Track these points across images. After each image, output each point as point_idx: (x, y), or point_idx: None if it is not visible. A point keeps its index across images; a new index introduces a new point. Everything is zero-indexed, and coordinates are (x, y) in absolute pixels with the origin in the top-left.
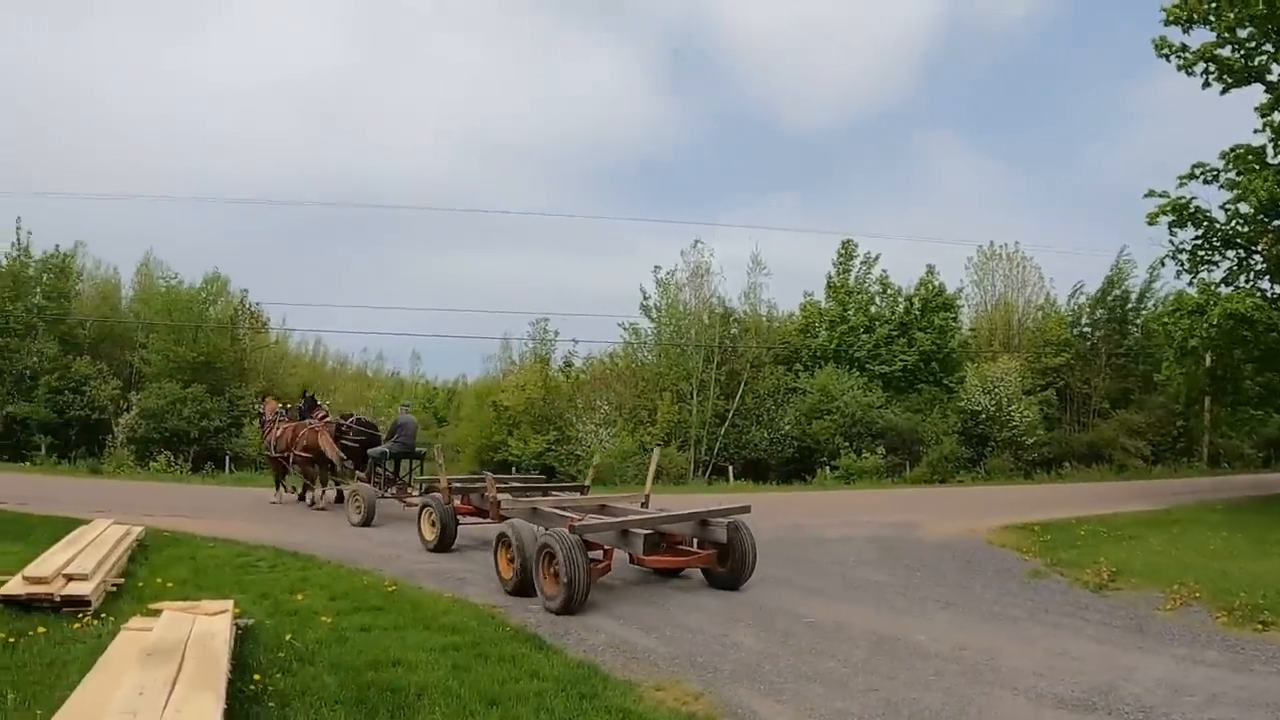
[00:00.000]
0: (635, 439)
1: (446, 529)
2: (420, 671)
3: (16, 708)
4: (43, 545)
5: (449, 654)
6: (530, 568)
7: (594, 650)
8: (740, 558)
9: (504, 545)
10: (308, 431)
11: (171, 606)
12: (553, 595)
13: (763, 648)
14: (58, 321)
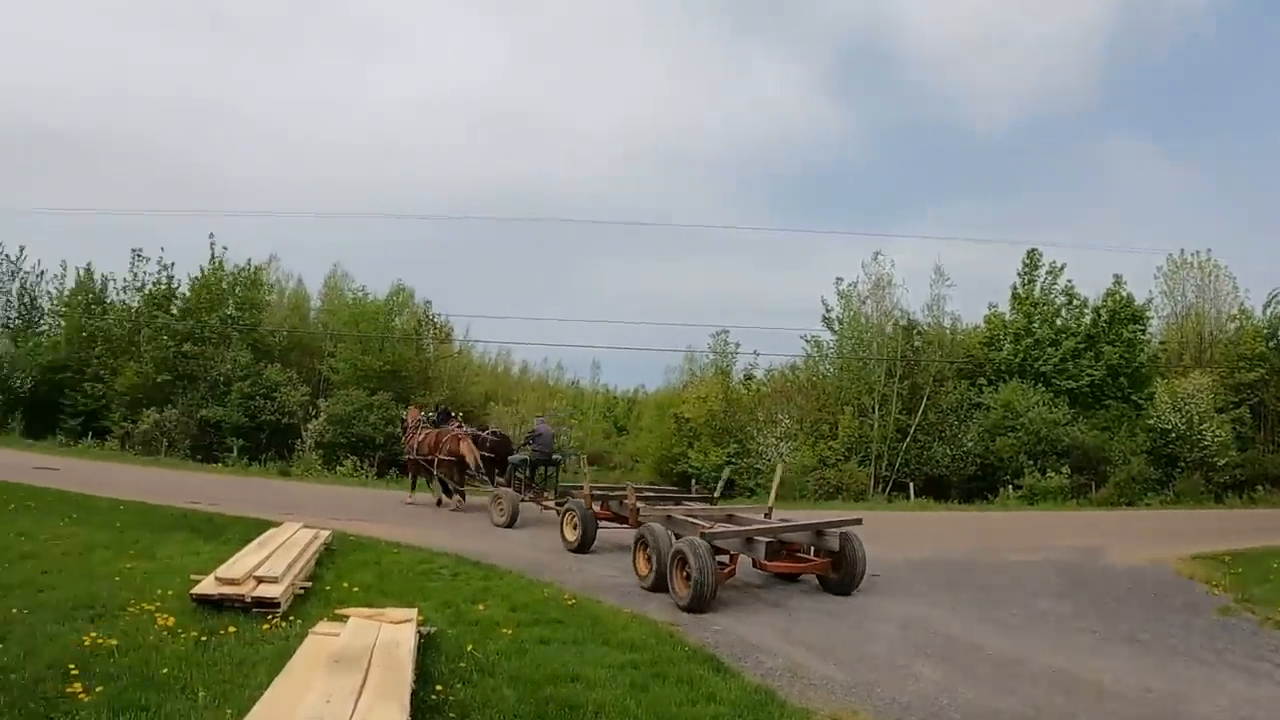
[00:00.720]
0: (815, 453)
1: (587, 532)
2: (598, 689)
3: (207, 706)
4: (234, 545)
5: (627, 672)
6: (665, 568)
7: (771, 674)
8: (851, 566)
9: (642, 547)
10: (451, 437)
11: (357, 613)
12: (684, 595)
13: (943, 680)
14: (250, 331)
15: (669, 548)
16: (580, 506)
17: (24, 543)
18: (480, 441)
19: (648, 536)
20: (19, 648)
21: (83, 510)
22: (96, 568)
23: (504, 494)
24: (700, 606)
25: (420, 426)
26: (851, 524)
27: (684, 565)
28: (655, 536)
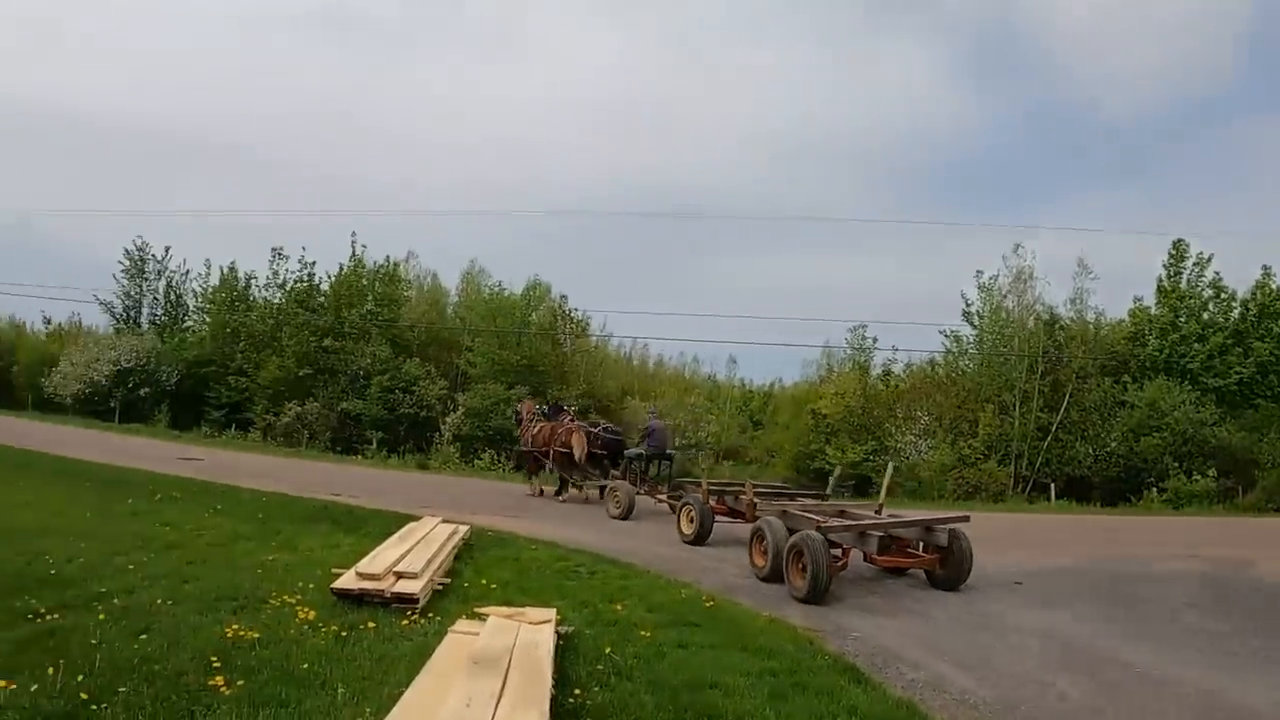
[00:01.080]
0: (955, 451)
1: (704, 525)
2: (737, 698)
3: (346, 703)
4: (374, 539)
5: (766, 680)
6: (781, 560)
7: (913, 688)
8: (958, 562)
9: (758, 540)
10: (564, 430)
11: (497, 612)
12: (800, 586)
13: (1088, 700)
14: (389, 326)
15: (785, 541)
16: (697, 501)
17: (169, 533)
18: (593, 437)
19: (764, 530)
20: (163, 638)
21: (227, 501)
22: (239, 559)
23: (620, 487)
24: (815, 598)
25: (534, 419)
26: (959, 521)
27: (800, 558)
28: (772, 530)
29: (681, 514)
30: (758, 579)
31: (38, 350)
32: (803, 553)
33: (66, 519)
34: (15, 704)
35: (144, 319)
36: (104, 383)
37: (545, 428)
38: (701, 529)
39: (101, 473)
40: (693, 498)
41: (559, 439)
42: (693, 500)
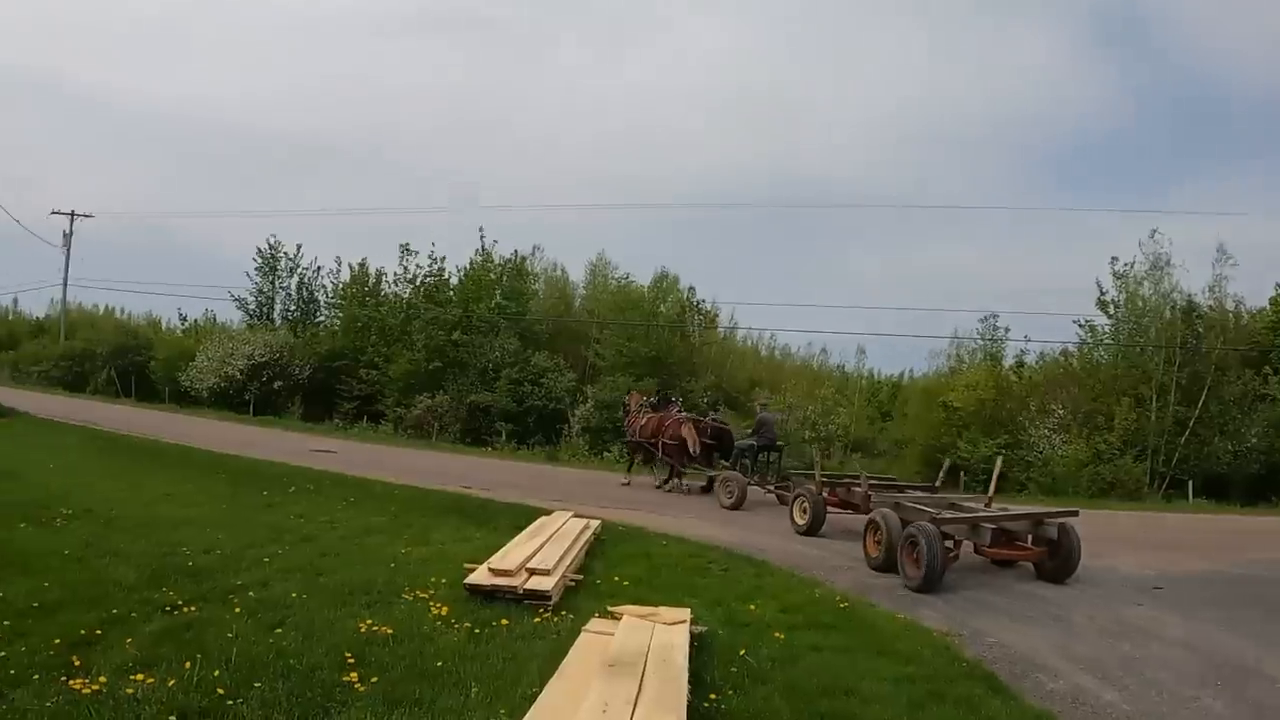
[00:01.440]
0: (1090, 446)
1: (817, 516)
2: (874, 706)
3: (480, 703)
4: (504, 532)
5: (903, 687)
6: (895, 551)
7: (1052, 699)
8: (1066, 555)
9: (873, 530)
10: (673, 422)
11: (630, 611)
12: (914, 575)
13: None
14: (517, 319)
15: (899, 532)
16: (810, 493)
17: (303, 525)
18: (702, 428)
19: (879, 521)
20: (298, 633)
21: (359, 493)
22: (372, 552)
23: (732, 477)
24: (928, 587)
25: (642, 410)
26: (1068, 516)
27: (915, 548)
28: (887, 521)
29: (794, 505)
30: (870, 568)
31: (174, 346)
32: (918, 543)
33: (202, 511)
34: (153, 698)
35: (277, 314)
36: (239, 376)
37: (653, 419)
38: (814, 520)
39: (236, 465)
40: (805, 490)
41: (668, 430)
42: (805, 492)
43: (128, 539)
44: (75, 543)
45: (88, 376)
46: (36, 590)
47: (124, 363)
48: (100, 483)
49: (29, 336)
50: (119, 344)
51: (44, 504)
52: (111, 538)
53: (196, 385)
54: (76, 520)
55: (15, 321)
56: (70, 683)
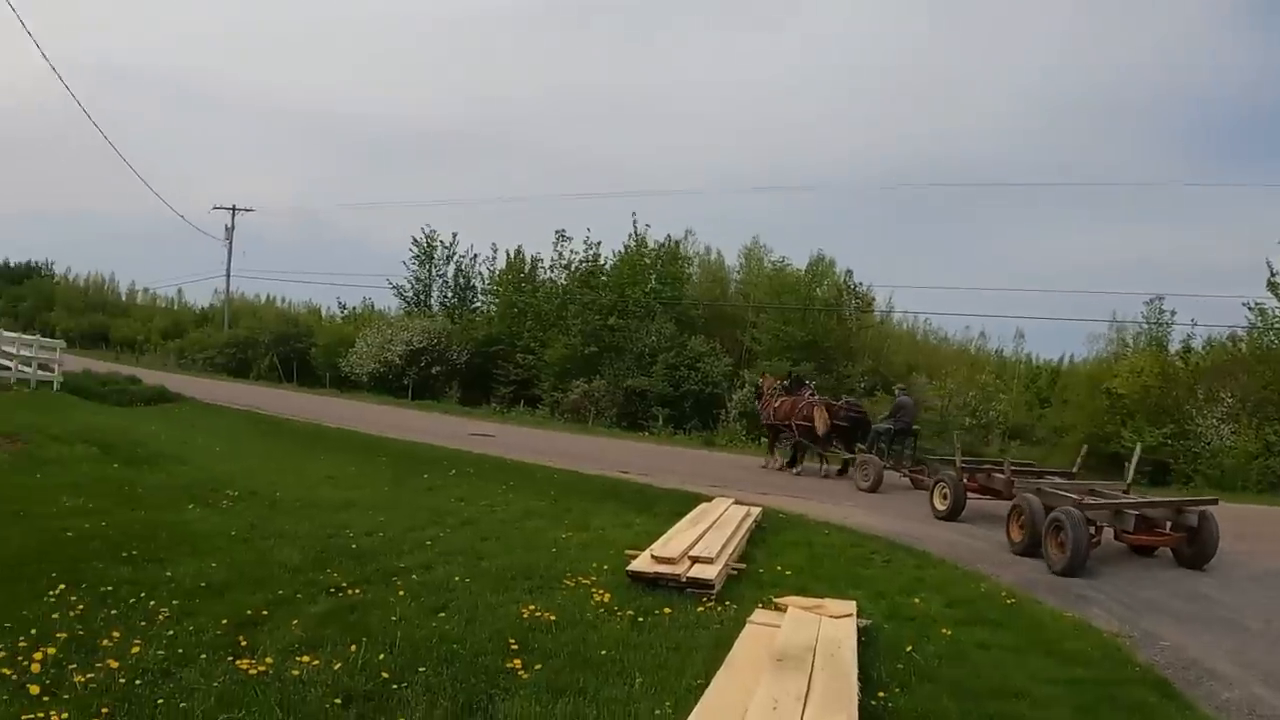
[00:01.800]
0: (1260, 438)
1: (957, 501)
2: (1043, 710)
3: (644, 694)
4: (664, 519)
5: (1073, 690)
6: (1039, 535)
7: (1227, 709)
8: (1204, 541)
9: (1016, 515)
10: (806, 404)
11: (795, 602)
12: (1057, 560)
13: None
14: (673, 303)
15: (1043, 517)
16: (951, 478)
17: (464, 508)
18: (834, 411)
19: (1023, 506)
20: (461, 617)
21: (518, 477)
22: (533, 537)
23: (869, 460)
24: (1073, 571)
25: (775, 394)
26: (1208, 504)
27: (1059, 532)
28: (1030, 506)
29: (935, 490)
30: (1013, 553)
31: (334, 333)
32: (1062, 527)
33: (364, 493)
34: (319, 680)
35: (434, 301)
36: (398, 362)
37: (786, 402)
38: (955, 505)
39: (396, 448)
40: (946, 475)
41: (800, 413)
42: (946, 477)
43: (292, 521)
44: (241, 524)
45: (251, 363)
46: (204, 571)
47: (286, 349)
48: (264, 465)
49: (194, 326)
50: (281, 331)
51: (210, 486)
52: (276, 519)
53: (356, 370)
54: (242, 502)
55: (181, 311)
56: (237, 663)
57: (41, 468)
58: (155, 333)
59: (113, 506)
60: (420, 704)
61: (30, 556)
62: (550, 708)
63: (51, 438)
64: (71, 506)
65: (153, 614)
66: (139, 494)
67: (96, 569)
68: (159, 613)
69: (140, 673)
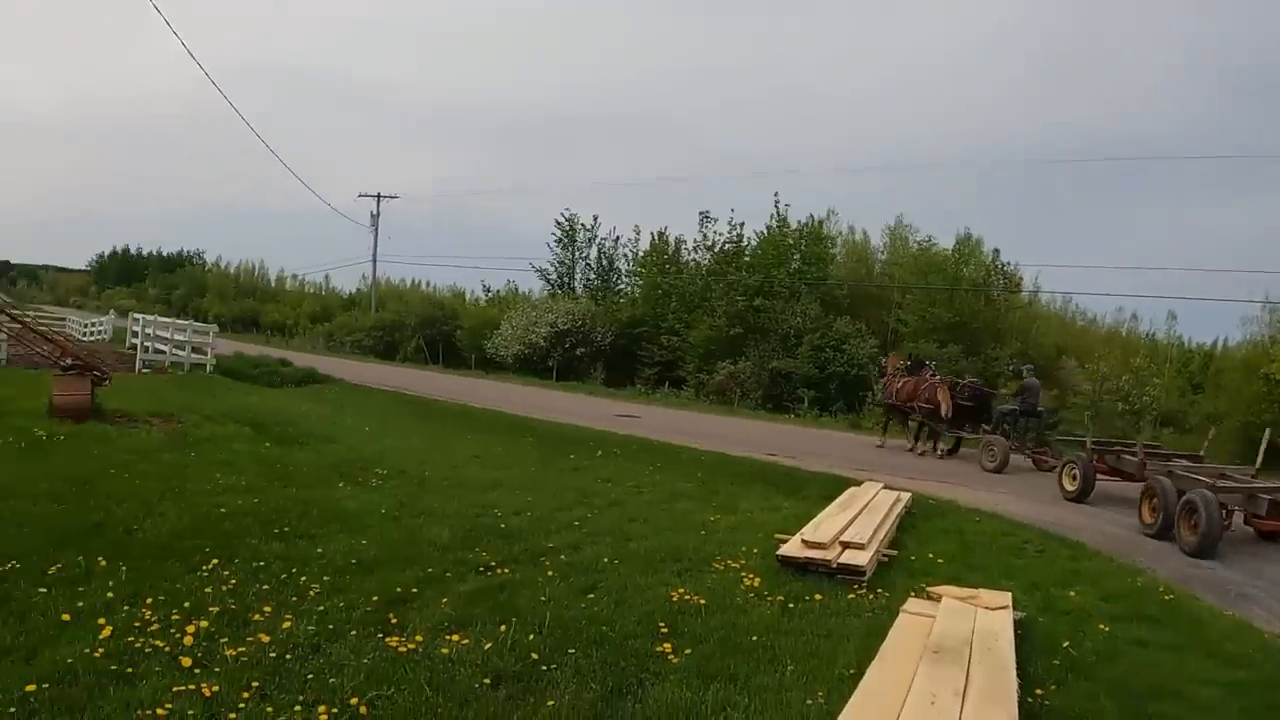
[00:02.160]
0: None
1: (1086, 483)
2: (1206, 714)
3: (795, 682)
4: (812, 502)
5: (1236, 694)
6: (1171, 517)
7: None
8: None
9: (1149, 498)
10: (929, 386)
11: (948, 592)
12: (1190, 541)
13: None
14: (817, 284)
15: (1175, 499)
16: (1081, 460)
17: (611, 489)
18: (957, 392)
19: (1156, 488)
20: (610, 599)
21: (665, 459)
22: (680, 519)
23: (995, 441)
24: (1204, 553)
25: (898, 374)
26: None
27: (1193, 514)
28: (1164, 489)
29: (1064, 471)
30: (1144, 535)
31: (479, 315)
32: (1196, 509)
33: (511, 473)
34: (468, 659)
35: (578, 283)
36: (542, 343)
37: (909, 383)
38: (1084, 487)
39: (542, 428)
40: (1077, 456)
41: (923, 394)
42: (1076, 459)
43: (440, 499)
44: (391, 502)
45: (398, 345)
46: (355, 548)
47: (431, 332)
48: (412, 445)
49: (341, 310)
50: (426, 315)
51: (360, 465)
52: (425, 498)
53: (501, 352)
54: (391, 480)
55: (329, 297)
56: (386, 640)
57: (196, 447)
58: (304, 317)
59: (265, 484)
60: (570, 686)
61: (185, 532)
62: (701, 694)
63: (205, 417)
64: (225, 484)
65: (304, 589)
66: (290, 472)
67: (249, 545)
68: (310, 588)
69: (290, 647)
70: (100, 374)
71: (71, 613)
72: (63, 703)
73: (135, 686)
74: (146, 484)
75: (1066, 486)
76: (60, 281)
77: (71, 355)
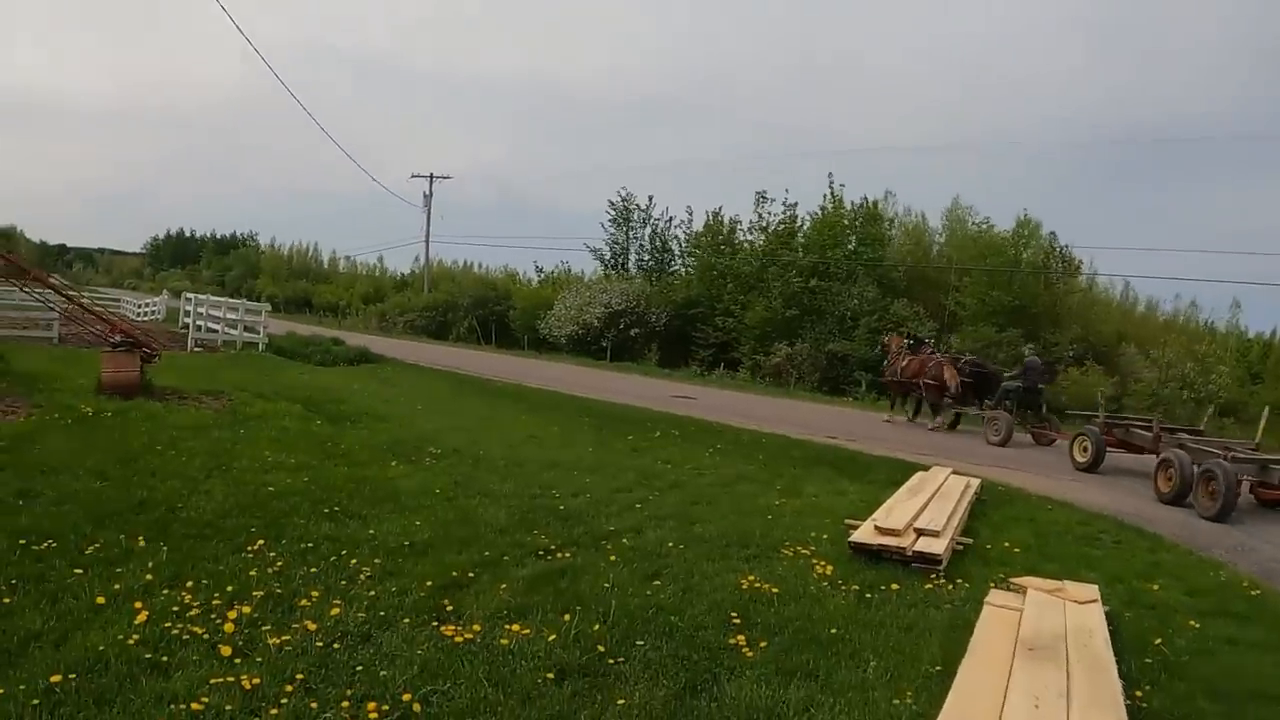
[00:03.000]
0: None
1: (1098, 454)
2: None
3: (879, 680)
4: (879, 486)
5: None
6: (1187, 486)
7: None
8: None
9: (1165, 468)
10: (935, 363)
11: (1033, 584)
12: (1209, 507)
13: None
14: (874, 265)
15: (1190, 469)
16: (1093, 432)
17: (671, 471)
18: (960, 368)
19: (1172, 459)
20: (676, 586)
21: (724, 440)
22: (744, 502)
23: (1000, 416)
24: (1222, 517)
25: (901, 353)
26: None
27: (1211, 482)
28: (1179, 460)
29: (1075, 444)
30: (1159, 502)
31: (531, 296)
32: (1214, 477)
33: (569, 454)
34: (529, 650)
35: (632, 264)
36: (596, 324)
37: (914, 361)
38: (1095, 458)
39: (599, 409)
40: (1088, 429)
41: (929, 371)
42: (1088, 432)
43: (496, 479)
44: (445, 482)
45: (450, 326)
46: (408, 529)
47: (484, 312)
48: (466, 424)
49: (394, 291)
50: (479, 295)
51: (413, 444)
52: (480, 478)
53: (555, 332)
54: (445, 460)
55: (382, 278)
56: (441, 628)
57: (246, 424)
58: (356, 298)
59: (315, 462)
60: (640, 682)
61: (231, 511)
62: (781, 693)
63: (256, 395)
64: (274, 461)
65: (354, 573)
66: (341, 450)
67: (298, 524)
68: (360, 572)
69: (339, 635)
70: (150, 351)
71: (107, 595)
72: (90, 694)
73: (170, 678)
74: (193, 461)
75: (1077, 458)
76: (116, 264)
77: (122, 331)
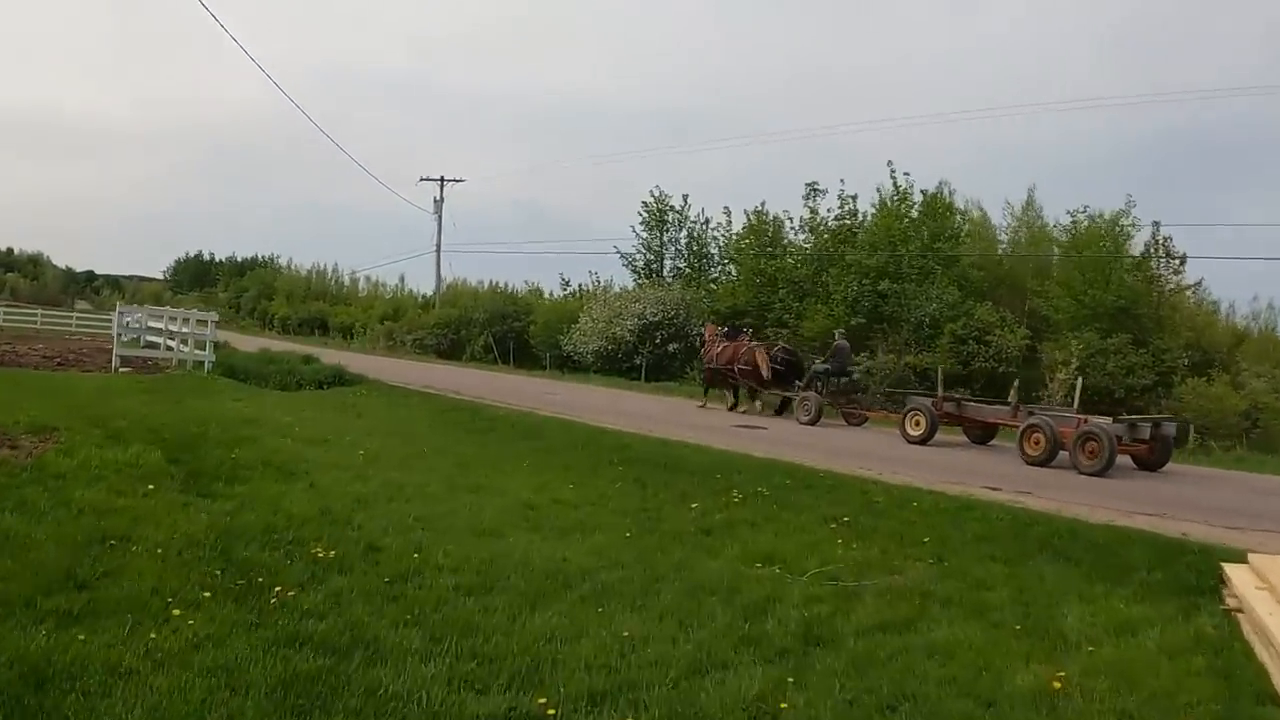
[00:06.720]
0: None
1: (931, 428)
2: None
3: None
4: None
5: None
6: (1056, 449)
7: None
8: (1163, 448)
9: (1031, 433)
10: (748, 350)
11: None
12: (1089, 465)
13: None
14: (953, 262)
15: (1056, 435)
16: (925, 406)
17: (789, 587)
18: (772, 355)
19: (1040, 424)
20: None
21: (847, 503)
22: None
23: (809, 397)
24: (1104, 472)
25: (716, 341)
26: (1166, 421)
27: (1091, 443)
28: (1048, 425)
29: (907, 419)
30: (1029, 464)
31: (554, 310)
32: (1097, 439)
33: (590, 543)
34: None
35: (667, 271)
36: (628, 338)
37: (728, 348)
38: (929, 431)
39: (636, 448)
40: (920, 403)
41: (742, 358)
42: (920, 406)
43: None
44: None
45: (463, 344)
46: None
47: (501, 328)
48: (425, 481)
49: (418, 312)
50: (496, 309)
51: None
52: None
53: (580, 349)
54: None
55: (404, 298)
56: None
57: (45, 483)
58: (375, 319)
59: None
60: None
61: None
62: None
63: (109, 435)
64: None
65: None
66: (132, 553)
67: None
68: None
69: None
70: None
71: None
72: None
73: None
74: None
75: (910, 431)
76: (141, 289)
77: None
